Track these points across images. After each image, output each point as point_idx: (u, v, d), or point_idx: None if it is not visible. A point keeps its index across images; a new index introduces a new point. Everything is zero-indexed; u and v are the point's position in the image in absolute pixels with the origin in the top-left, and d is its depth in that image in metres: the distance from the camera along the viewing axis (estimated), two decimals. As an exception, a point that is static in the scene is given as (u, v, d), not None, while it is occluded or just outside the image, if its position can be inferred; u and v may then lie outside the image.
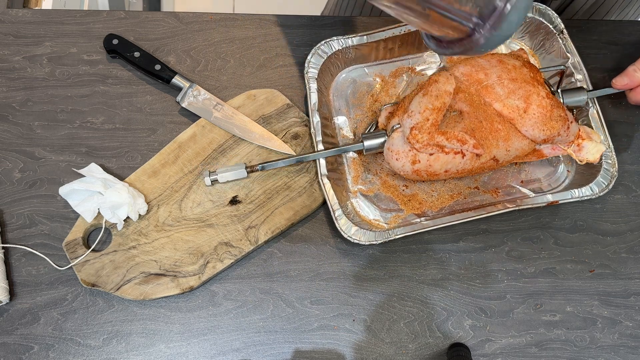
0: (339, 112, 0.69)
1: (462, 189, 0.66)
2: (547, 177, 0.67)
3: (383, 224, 0.64)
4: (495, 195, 0.66)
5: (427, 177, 0.61)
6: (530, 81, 0.60)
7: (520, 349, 0.62)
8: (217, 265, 0.61)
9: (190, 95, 0.68)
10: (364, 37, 0.67)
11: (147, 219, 0.62)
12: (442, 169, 0.60)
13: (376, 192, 0.66)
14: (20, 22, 0.71)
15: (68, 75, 0.69)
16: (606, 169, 0.63)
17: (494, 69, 0.60)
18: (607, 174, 0.63)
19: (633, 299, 0.64)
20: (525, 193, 0.66)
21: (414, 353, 0.61)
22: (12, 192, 0.64)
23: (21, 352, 0.59)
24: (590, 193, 0.62)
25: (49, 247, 0.62)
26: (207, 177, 0.62)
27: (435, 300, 0.63)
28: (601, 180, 0.63)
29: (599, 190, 0.62)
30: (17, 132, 0.67)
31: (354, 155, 0.67)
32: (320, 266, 0.63)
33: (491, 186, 0.66)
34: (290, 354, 0.60)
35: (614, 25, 0.76)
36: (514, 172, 0.67)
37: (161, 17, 0.73)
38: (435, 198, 0.66)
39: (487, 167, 0.62)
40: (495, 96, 0.59)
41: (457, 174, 0.62)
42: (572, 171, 0.67)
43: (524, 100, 0.59)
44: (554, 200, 0.62)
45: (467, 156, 0.59)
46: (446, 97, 0.58)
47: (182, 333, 0.60)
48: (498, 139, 0.60)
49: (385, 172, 0.67)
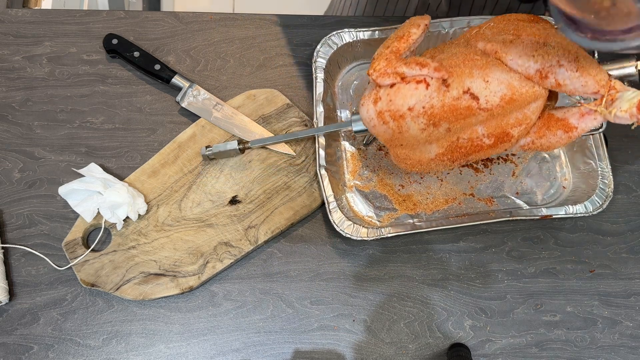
0: (343, 105, 0.69)
1: (458, 194, 0.66)
2: (542, 191, 0.67)
3: (376, 221, 0.64)
4: (490, 204, 0.66)
5: (393, 122, 0.52)
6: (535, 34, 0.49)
7: (521, 349, 0.62)
8: (216, 265, 0.61)
9: (190, 95, 0.68)
10: (376, 32, 0.67)
11: (146, 219, 0.62)
12: (405, 105, 0.50)
13: (372, 189, 0.66)
14: (20, 22, 0.71)
15: (68, 75, 0.69)
16: (602, 188, 0.63)
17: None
18: (603, 193, 0.63)
19: (633, 299, 0.64)
20: (520, 204, 0.66)
21: (414, 353, 0.61)
22: (12, 192, 0.64)
23: (21, 352, 0.59)
24: (584, 211, 0.62)
25: (48, 247, 0.62)
26: (203, 152, 0.63)
27: (435, 300, 0.63)
28: (596, 199, 0.63)
29: (593, 209, 0.62)
30: (17, 132, 0.67)
31: (353, 150, 0.67)
32: (320, 266, 0.63)
33: (486, 194, 0.66)
34: (290, 354, 0.60)
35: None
36: (510, 183, 0.67)
37: (161, 17, 0.73)
38: (430, 201, 0.66)
39: (465, 112, 0.50)
40: (482, 37, 0.52)
41: (429, 119, 0.51)
42: (568, 188, 0.67)
43: (514, 34, 0.49)
44: (548, 214, 0.62)
45: (432, 86, 0.49)
46: (412, 29, 0.52)
47: (182, 333, 0.60)
48: (472, 67, 0.49)
49: (383, 170, 0.67)
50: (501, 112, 0.50)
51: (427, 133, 0.52)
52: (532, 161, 0.68)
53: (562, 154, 0.69)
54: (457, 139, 0.53)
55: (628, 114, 0.46)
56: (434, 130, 0.52)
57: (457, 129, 0.52)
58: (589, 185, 0.64)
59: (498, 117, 0.51)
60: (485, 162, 0.68)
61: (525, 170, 0.68)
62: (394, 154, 0.58)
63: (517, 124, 0.52)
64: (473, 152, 0.54)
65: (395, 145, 0.56)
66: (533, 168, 0.68)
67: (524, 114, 0.51)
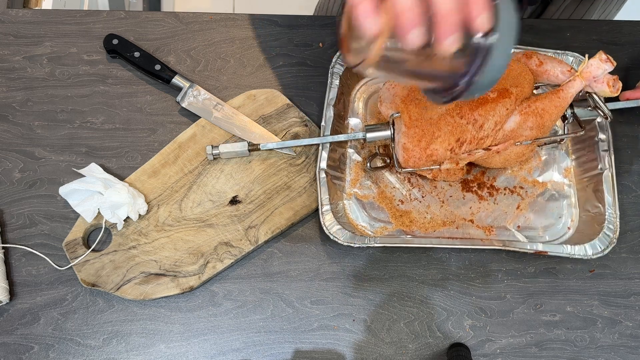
0: (354, 113, 0.69)
1: (457, 218, 0.65)
2: (545, 229, 0.65)
3: (369, 231, 0.64)
4: (488, 233, 0.64)
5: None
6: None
7: (520, 349, 0.62)
8: (217, 265, 0.61)
9: (190, 95, 0.68)
10: None
11: (147, 219, 0.62)
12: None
13: (370, 200, 0.65)
14: (20, 22, 0.71)
15: (68, 75, 0.69)
16: (606, 233, 0.61)
17: None
18: (606, 238, 0.61)
19: (633, 299, 0.64)
20: (518, 238, 0.64)
21: (414, 353, 0.61)
22: (12, 192, 0.64)
23: (21, 352, 0.59)
24: (582, 253, 0.60)
25: (49, 247, 0.62)
26: (209, 151, 0.63)
27: (435, 300, 0.63)
28: (598, 243, 0.60)
29: (592, 253, 0.60)
30: (17, 132, 0.67)
31: (358, 159, 0.67)
32: (320, 266, 0.63)
33: (486, 223, 0.65)
34: (290, 354, 0.60)
35: (614, 25, 0.76)
36: (513, 216, 0.65)
37: (161, 17, 0.73)
38: (427, 220, 0.65)
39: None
40: None
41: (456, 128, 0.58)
42: (572, 228, 0.65)
43: None
44: (544, 250, 0.60)
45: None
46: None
47: (182, 333, 0.60)
48: None
49: (384, 183, 0.66)
50: None
51: None
52: (540, 197, 0.66)
53: (572, 194, 0.66)
54: None
55: (597, 59, 0.58)
56: None
57: None
58: (594, 229, 0.62)
59: None
60: (490, 191, 0.66)
61: (531, 204, 0.65)
62: (407, 120, 0.59)
63: (514, 85, 0.59)
64: (478, 104, 0.58)
65: (410, 101, 0.60)
66: (539, 204, 0.66)
67: (517, 80, 0.60)
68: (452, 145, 0.59)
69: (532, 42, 0.73)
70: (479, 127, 0.59)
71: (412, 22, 0.36)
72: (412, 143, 0.59)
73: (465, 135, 0.59)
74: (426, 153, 0.59)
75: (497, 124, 0.59)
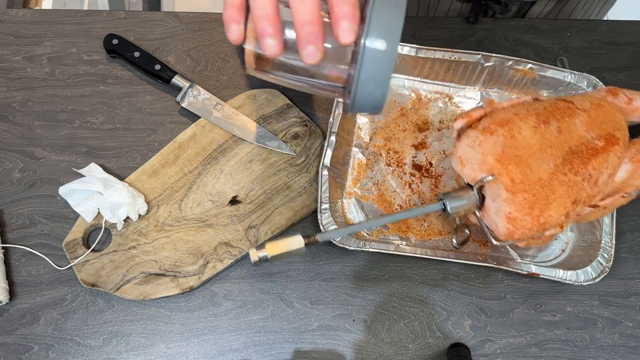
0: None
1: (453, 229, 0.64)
2: (539, 249, 0.63)
3: (365, 233, 0.63)
4: (483, 248, 0.63)
5: (501, 129, 0.51)
6: None
7: (520, 349, 0.62)
8: (217, 265, 0.61)
9: (190, 95, 0.68)
10: (413, 50, 0.66)
11: (147, 219, 0.62)
12: (509, 112, 0.53)
13: (370, 202, 0.65)
14: (20, 22, 0.71)
15: (68, 75, 0.69)
16: (600, 262, 0.60)
17: None
18: (599, 266, 0.60)
19: (633, 299, 0.64)
20: (512, 256, 0.63)
21: (414, 353, 0.61)
22: (12, 192, 0.64)
23: (21, 352, 0.59)
24: (574, 279, 0.59)
25: (48, 247, 0.62)
26: (254, 258, 0.46)
27: (435, 300, 0.63)
28: (590, 270, 0.59)
29: (584, 280, 0.59)
30: (17, 132, 0.67)
31: (362, 158, 0.67)
32: (320, 266, 0.63)
33: (482, 236, 0.64)
34: (290, 354, 0.60)
35: (614, 25, 0.76)
36: None
37: (161, 17, 0.73)
38: (424, 228, 0.64)
39: (566, 110, 0.53)
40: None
41: (537, 116, 0.52)
42: (565, 252, 0.64)
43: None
44: (536, 272, 0.59)
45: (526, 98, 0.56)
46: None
47: (182, 333, 0.60)
48: None
49: (385, 186, 0.66)
50: (596, 116, 0.54)
51: (539, 133, 0.51)
52: None
53: None
54: (569, 147, 0.52)
55: None
56: (546, 130, 0.51)
57: (565, 130, 0.52)
58: (588, 256, 0.61)
59: (597, 120, 0.54)
60: None
61: None
62: (509, 184, 0.49)
63: (617, 129, 0.54)
64: (590, 156, 0.51)
65: (508, 160, 0.49)
66: None
67: (616, 123, 0.55)
68: (567, 209, 0.50)
69: (532, 42, 0.73)
70: (594, 182, 0.51)
71: (264, 31, 0.36)
72: (521, 212, 0.49)
73: (581, 194, 0.51)
74: (539, 222, 0.50)
75: (610, 176, 0.53)
